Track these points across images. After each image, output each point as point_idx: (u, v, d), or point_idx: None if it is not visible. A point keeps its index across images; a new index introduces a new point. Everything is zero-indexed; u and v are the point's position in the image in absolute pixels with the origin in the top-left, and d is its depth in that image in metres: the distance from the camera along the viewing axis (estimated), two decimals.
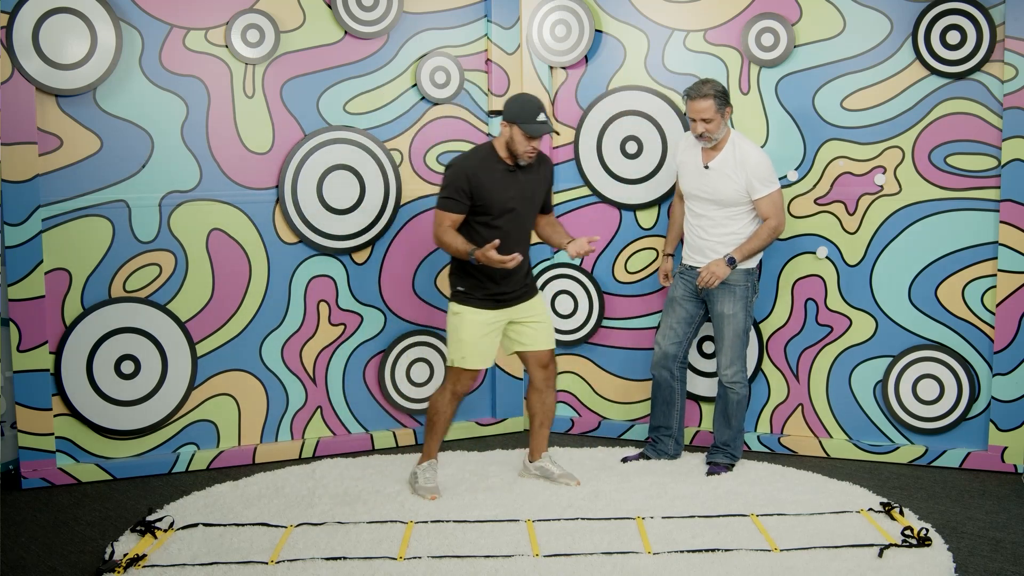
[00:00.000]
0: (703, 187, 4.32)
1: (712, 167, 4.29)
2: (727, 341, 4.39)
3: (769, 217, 4.29)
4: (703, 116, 4.18)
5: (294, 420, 4.78)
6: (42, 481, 4.33)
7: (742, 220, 4.32)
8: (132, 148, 4.40)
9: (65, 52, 4.23)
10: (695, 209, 4.38)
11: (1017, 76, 4.30)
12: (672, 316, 4.49)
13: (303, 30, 4.64)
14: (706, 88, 4.18)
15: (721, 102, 4.18)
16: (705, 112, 4.17)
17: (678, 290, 4.48)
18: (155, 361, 4.49)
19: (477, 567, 3.39)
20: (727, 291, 4.34)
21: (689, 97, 4.22)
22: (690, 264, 4.43)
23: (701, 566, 3.39)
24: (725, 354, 4.40)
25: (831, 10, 4.56)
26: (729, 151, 4.28)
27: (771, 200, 4.27)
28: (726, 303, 4.36)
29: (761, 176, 4.25)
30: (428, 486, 4.08)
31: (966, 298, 4.50)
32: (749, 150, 4.28)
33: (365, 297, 4.85)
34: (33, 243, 4.26)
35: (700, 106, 4.17)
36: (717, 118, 4.18)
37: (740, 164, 4.25)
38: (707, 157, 4.30)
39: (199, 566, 3.41)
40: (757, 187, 4.25)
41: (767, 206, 4.28)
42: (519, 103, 3.92)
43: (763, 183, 4.25)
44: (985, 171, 4.42)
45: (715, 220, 4.33)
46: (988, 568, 3.44)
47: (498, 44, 4.94)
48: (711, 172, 4.29)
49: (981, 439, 4.52)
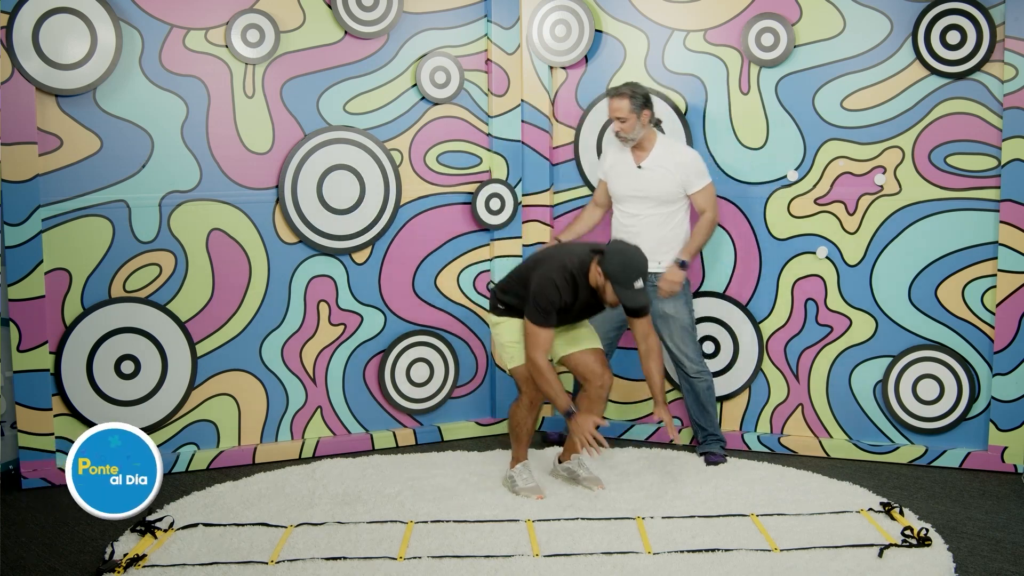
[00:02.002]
0: (638, 187, 4.45)
1: (645, 166, 4.44)
2: (678, 338, 4.51)
3: (706, 210, 4.43)
4: (617, 115, 4.37)
5: (294, 420, 4.78)
6: (42, 481, 4.33)
7: (677, 217, 4.47)
8: (132, 148, 4.40)
9: (65, 52, 4.23)
10: (629, 211, 4.50)
11: (1017, 76, 4.30)
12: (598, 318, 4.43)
13: (303, 30, 4.64)
14: (624, 88, 4.38)
15: (638, 104, 4.36)
16: (619, 111, 4.36)
17: None
18: (155, 361, 4.49)
19: (477, 567, 3.39)
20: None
21: (608, 96, 4.43)
22: None
23: (701, 566, 3.39)
24: (680, 351, 4.52)
25: (831, 10, 4.56)
26: (661, 150, 4.45)
27: (707, 194, 4.44)
28: (667, 304, 4.45)
29: (697, 170, 4.43)
30: (529, 486, 4.08)
31: (966, 298, 4.50)
32: (681, 147, 4.51)
33: (365, 297, 4.85)
34: (33, 243, 4.26)
35: (615, 104, 4.38)
36: (632, 118, 4.36)
37: (676, 161, 4.40)
38: (638, 158, 4.45)
39: (199, 566, 3.41)
40: (694, 181, 4.41)
41: (704, 199, 4.42)
42: (622, 262, 3.78)
43: (699, 177, 4.43)
44: (985, 171, 4.42)
45: (651, 220, 4.45)
46: (988, 568, 3.44)
47: (498, 44, 4.94)
48: (645, 171, 4.44)
49: (981, 439, 4.52)
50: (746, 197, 4.76)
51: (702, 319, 4.84)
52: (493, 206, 4.98)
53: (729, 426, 4.89)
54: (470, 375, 5.11)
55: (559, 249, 4.08)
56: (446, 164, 4.95)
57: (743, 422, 4.87)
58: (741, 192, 4.76)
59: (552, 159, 5.05)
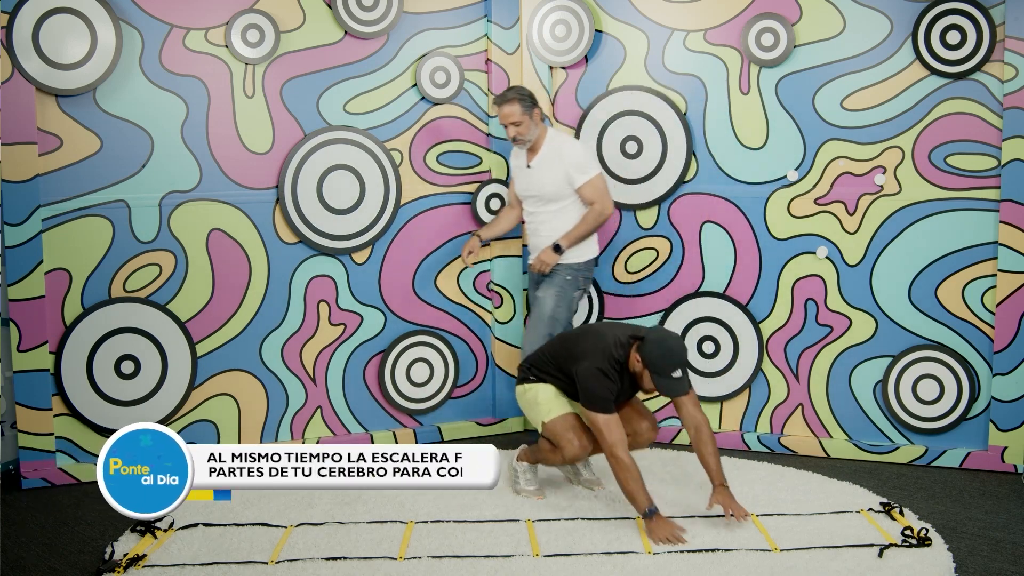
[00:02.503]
0: (529, 186, 4.53)
1: (534, 165, 4.49)
2: (531, 323, 4.56)
3: (594, 202, 4.46)
4: (511, 120, 4.40)
5: (294, 420, 4.78)
6: (42, 481, 4.33)
7: (570, 213, 4.48)
8: (132, 148, 4.40)
9: (65, 52, 4.23)
10: (529, 209, 4.59)
11: (1017, 76, 4.30)
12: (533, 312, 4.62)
13: (303, 30, 4.64)
14: (510, 94, 4.41)
15: (527, 105, 4.40)
16: (512, 116, 4.39)
17: (532, 286, 4.68)
18: (155, 361, 4.49)
19: (477, 567, 3.39)
20: (548, 280, 4.52)
21: (496, 104, 4.44)
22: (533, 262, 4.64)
23: (701, 566, 3.39)
24: (528, 335, 4.55)
25: (831, 10, 4.56)
26: (547, 148, 4.48)
27: (593, 186, 4.45)
28: (542, 287, 4.54)
29: (577, 164, 4.43)
30: (531, 488, 4.08)
31: (966, 298, 4.50)
32: (563, 142, 4.50)
33: (365, 297, 4.85)
34: (33, 243, 4.26)
35: (507, 110, 4.40)
36: (525, 120, 4.40)
37: (557, 157, 4.44)
38: (529, 157, 4.51)
39: (199, 566, 3.41)
40: (576, 176, 4.44)
41: (590, 192, 4.45)
42: (662, 353, 3.66)
43: (580, 171, 4.43)
44: (985, 171, 4.42)
45: (545, 217, 4.51)
46: (988, 568, 3.44)
47: (498, 44, 4.94)
48: (534, 170, 4.50)
49: (981, 439, 4.52)
50: (746, 197, 4.76)
51: (702, 319, 4.84)
52: (493, 206, 4.98)
53: (729, 426, 4.90)
54: (470, 375, 5.11)
55: (596, 335, 3.87)
56: (446, 164, 4.95)
57: (743, 422, 4.87)
58: (741, 192, 4.76)
59: None
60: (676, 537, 3.58)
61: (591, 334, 3.92)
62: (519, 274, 5.07)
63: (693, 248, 4.88)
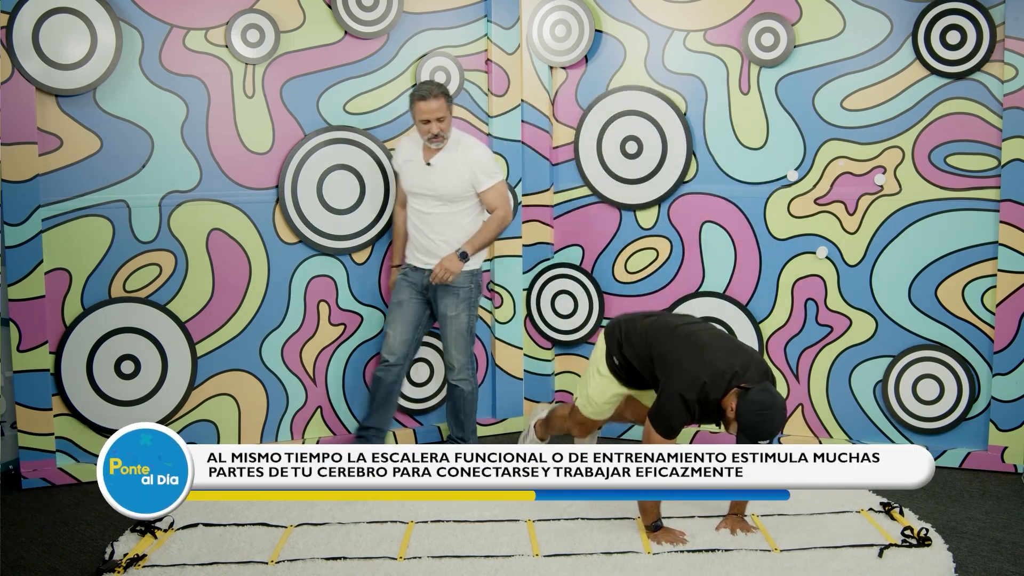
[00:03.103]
0: (426, 184, 4.37)
1: (434, 163, 4.35)
2: (451, 341, 4.47)
3: (496, 208, 4.40)
4: (437, 115, 4.24)
5: (294, 420, 4.78)
6: (42, 481, 4.33)
7: (469, 216, 4.41)
8: (132, 148, 4.40)
9: (65, 52, 4.23)
10: (420, 208, 4.42)
11: (1017, 76, 4.30)
12: (400, 318, 4.49)
13: (303, 30, 4.64)
14: (435, 88, 4.26)
15: (449, 100, 4.30)
16: (438, 111, 4.24)
17: (403, 293, 4.50)
18: (155, 361, 4.49)
19: (477, 567, 3.39)
20: (451, 292, 4.41)
21: (421, 98, 4.24)
22: (415, 265, 4.48)
23: (701, 566, 3.39)
24: (450, 353, 4.48)
25: (831, 10, 4.56)
26: (451, 147, 4.36)
27: (496, 191, 4.39)
28: (449, 305, 4.42)
29: (485, 169, 4.36)
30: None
31: (966, 298, 4.50)
32: (471, 144, 4.40)
33: (365, 297, 4.85)
34: (33, 243, 4.26)
35: (433, 106, 4.23)
36: (448, 115, 4.29)
37: (462, 157, 4.34)
38: (428, 154, 4.36)
39: (199, 566, 3.41)
40: (482, 180, 4.36)
41: (493, 197, 4.39)
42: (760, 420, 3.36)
43: (487, 175, 4.36)
44: (985, 171, 4.42)
45: (441, 217, 4.39)
46: (988, 568, 3.44)
47: (498, 44, 4.94)
48: (434, 168, 4.35)
49: (981, 439, 4.52)
50: (746, 197, 4.76)
51: (702, 319, 4.83)
52: None
53: None
54: None
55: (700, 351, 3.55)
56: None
57: None
58: (741, 192, 4.76)
59: (552, 159, 5.05)
60: (680, 541, 3.58)
61: (697, 347, 3.58)
62: (519, 274, 5.07)
63: (693, 248, 4.88)
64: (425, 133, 4.29)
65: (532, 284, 5.11)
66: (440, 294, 4.43)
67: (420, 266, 4.46)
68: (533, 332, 5.15)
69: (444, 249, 4.40)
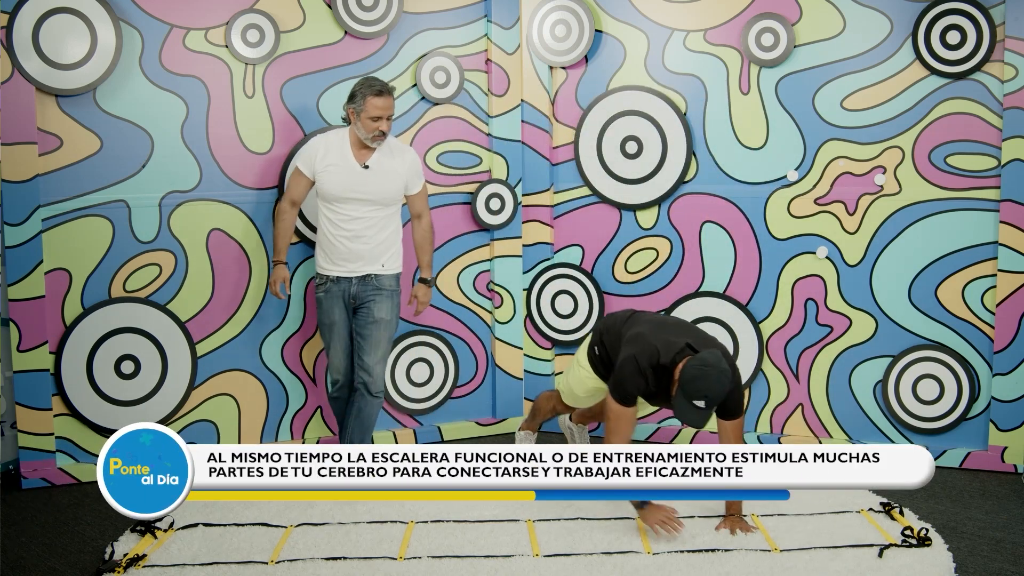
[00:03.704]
0: (363, 188, 4.15)
1: (372, 165, 4.16)
2: (381, 347, 4.27)
3: (422, 214, 4.36)
4: (388, 113, 4.09)
5: (294, 420, 4.78)
6: (42, 481, 4.33)
7: (395, 219, 4.29)
8: (132, 148, 4.40)
9: (65, 52, 4.23)
10: (348, 213, 4.17)
11: (1017, 76, 4.30)
12: (338, 338, 4.31)
13: (303, 30, 4.64)
14: (387, 86, 4.10)
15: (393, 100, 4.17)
16: (390, 109, 4.09)
17: (335, 312, 4.28)
18: (155, 361, 4.49)
19: (477, 567, 3.39)
20: (386, 296, 4.27)
21: (378, 94, 4.07)
22: (339, 275, 4.24)
23: (701, 566, 3.39)
24: (374, 358, 4.26)
25: (831, 10, 4.56)
26: (385, 148, 4.20)
27: (424, 195, 4.37)
28: (384, 308, 4.26)
29: (418, 170, 4.31)
30: None
31: (966, 298, 4.50)
32: (404, 146, 4.32)
33: None
34: (33, 243, 4.26)
35: (388, 103, 4.08)
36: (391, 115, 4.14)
37: (400, 159, 4.22)
38: (363, 156, 4.17)
39: (199, 566, 3.41)
40: (416, 182, 4.30)
41: (421, 202, 4.35)
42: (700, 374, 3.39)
43: (420, 177, 4.32)
44: (985, 171, 4.42)
45: (376, 222, 4.20)
46: (988, 568, 3.44)
47: (498, 44, 4.94)
48: (372, 171, 4.16)
49: (981, 439, 4.52)
50: (746, 197, 4.76)
51: (702, 319, 4.84)
52: (493, 206, 4.98)
53: None
54: (470, 375, 5.11)
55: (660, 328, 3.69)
56: (446, 164, 4.95)
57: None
58: (741, 192, 4.76)
59: (552, 159, 5.05)
60: (670, 520, 3.57)
61: (659, 325, 3.73)
62: (519, 274, 5.07)
63: (693, 248, 4.88)
64: (372, 131, 4.08)
65: (532, 284, 5.11)
66: (374, 297, 4.24)
67: (346, 275, 4.23)
68: (533, 332, 5.15)
69: (382, 254, 4.24)
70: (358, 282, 4.24)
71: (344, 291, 4.25)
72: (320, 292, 4.30)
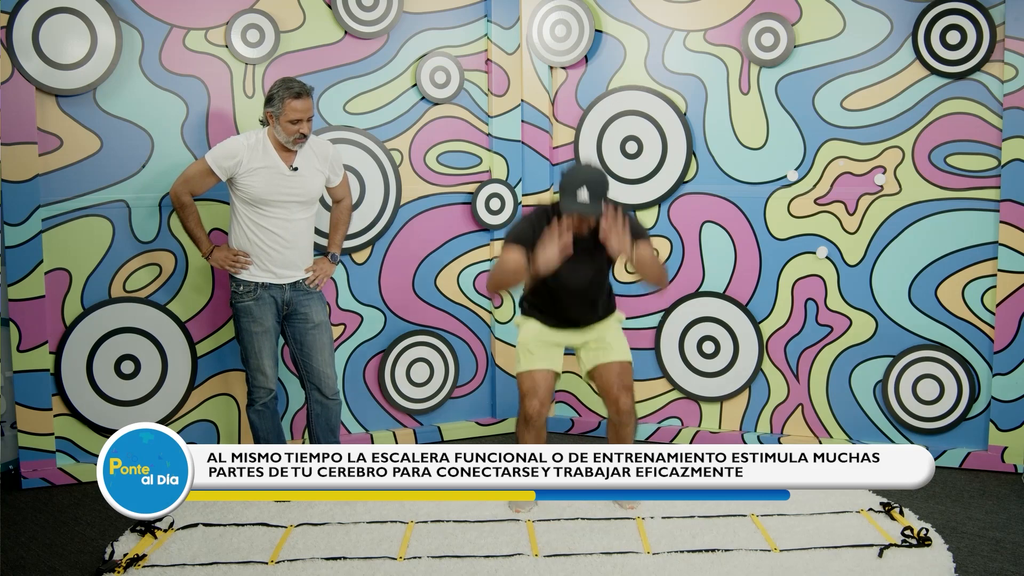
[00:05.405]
0: (294, 191, 4.04)
1: (300, 166, 4.06)
2: (328, 350, 4.19)
3: (344, 198, 4.35)
4: (308, 115, 3.97)
5: (294, 420, 4.78)
6: (42, 481, 4.33)
7: (314, 218, 4.22)
8: (132, 148, 4.40)
9: (65, 52, 4.23)
10: (281, 217, 4.04)
11: (1017, 76, 4.30)
12: (268, 346, 4.12)
13: (303, 30, 4.64)
14: (305, 88, 3.97)
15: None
16: (310, 110, 3.98)
17: (268, 319, 4.10)
18: (155, 361, 4.49)
19: (477, 567, 3.39)
20: (317, 298, 4.20)
21: (296, 96, 3.93)
22: (271, 281, 4.09)
23: (701, 566, 3.39)
24: (328, 364, 4.19)
25: (831, 10, 4.56)
26: (306, 148, 4.09)
27: (346, 182, 4.33)
28: (318, 309, 4.19)
29: (340, 162, 4.27)
30: None
31: (966, 298, 4.50)
32: (323, 140, 4.24)
33: (365, 297, 4.85)
34: (33, 243, 4.27)
35: (307, 104, 3.95)
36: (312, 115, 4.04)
37: (321, 155, 4.14)
38: (289, 158, 4.04)
39: (199, 566, 3.41)
40: (338, 171, 4.24)
41: (344, 188, 4.32)
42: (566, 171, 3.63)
43: (341, 168, 4.27)
44: (985, 171, 4.42)
45: (305, 223, 4.13)
46: (988, 568, 3.44)
47: (498, 44, 4.95)
48: (301, 173, 4.06)
49: (981, 439, 4.52)
50: (746, 197, 4.76)
51: (702, 319, 4.84)
52: (493, 206, 4.98)
53: (729, 426, 4.90)
54: (470, 375, 5.12)
55: None
56: (446, 164, 4.95)
57: (743, 422, 4.87)
58: (741, 192, 4.76)
59: (552, 159, 5.05)
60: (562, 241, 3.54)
61: None
62: None
63: (693, 248, 4.88)
64: (293, 133, 3.95)
65: None
66: (307, 300, 4.15)
67: (278, 282, 4.09)
68: None
69: (307, 256, 4.17)
70: (290, 288, 4.13)
71: (276, 298, 4.11)
72: (248, 300, 4.08)
